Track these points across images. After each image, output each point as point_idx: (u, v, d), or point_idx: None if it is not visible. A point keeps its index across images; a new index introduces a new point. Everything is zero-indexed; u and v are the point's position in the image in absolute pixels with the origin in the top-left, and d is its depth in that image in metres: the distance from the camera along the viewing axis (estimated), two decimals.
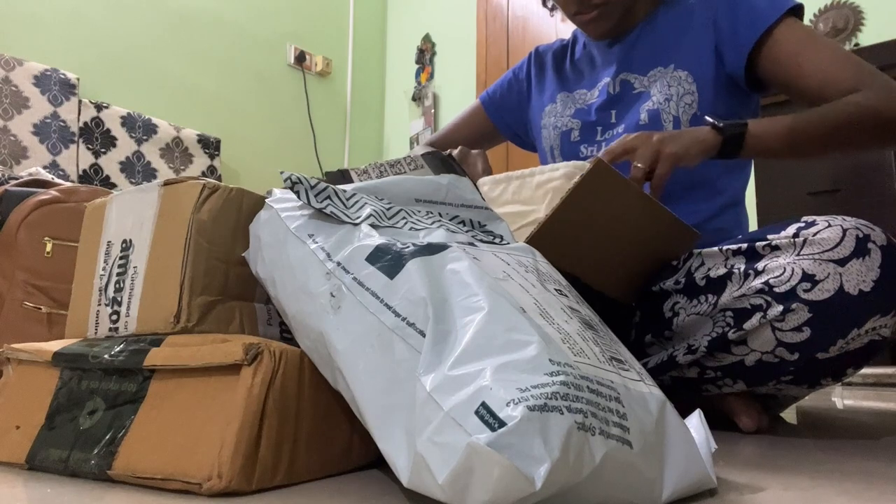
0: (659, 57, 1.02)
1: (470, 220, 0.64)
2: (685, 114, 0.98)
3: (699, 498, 0.45)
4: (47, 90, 2.53)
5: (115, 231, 0.65)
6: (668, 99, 0.98)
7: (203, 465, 0.46)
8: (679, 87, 0.99)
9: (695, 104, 0.98)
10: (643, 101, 1.01)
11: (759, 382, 0.72)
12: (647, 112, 1.00)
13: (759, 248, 0.68)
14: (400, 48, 3.90)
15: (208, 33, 3.18)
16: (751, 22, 0.94)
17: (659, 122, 0.99)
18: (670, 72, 1.00)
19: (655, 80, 1.01)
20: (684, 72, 0.99)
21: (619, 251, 0.78)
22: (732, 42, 0.96)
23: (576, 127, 1.08)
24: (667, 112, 0.98)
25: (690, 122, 0.98)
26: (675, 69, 1.00)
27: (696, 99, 0.98)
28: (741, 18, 0.95)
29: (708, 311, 0.71)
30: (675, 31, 1.03)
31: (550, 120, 1.13)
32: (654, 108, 0.99)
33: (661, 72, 1.01)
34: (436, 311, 0.43)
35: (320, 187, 0.57)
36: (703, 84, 0.98)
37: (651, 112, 0.99)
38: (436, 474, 0.36)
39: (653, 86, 1.01)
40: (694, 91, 0.98)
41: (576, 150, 1.08)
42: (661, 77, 1.01)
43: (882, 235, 0.64)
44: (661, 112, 0.99)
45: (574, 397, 0.38)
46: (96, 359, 0.56)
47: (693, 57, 0.99)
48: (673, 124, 0.98)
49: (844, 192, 1.93)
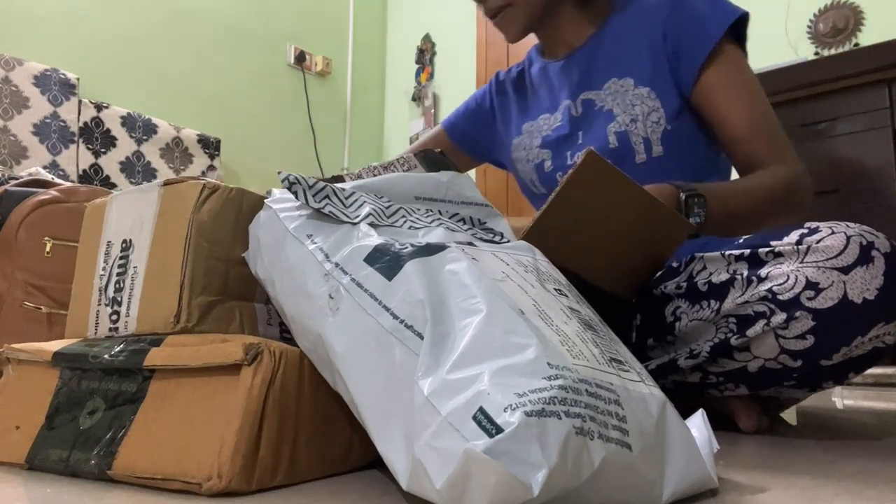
0: (613, 68, 1.02)
1: (470, 218, 0.63)
2: (654, 133, 0.97)
3: (700, 498, 0.45)
4: (47, 90, 2.53)
5: (115, 231, 0.65)
6: (635, 120, 0.98)
7: (203, 465, 0.46)
8: (643, 105, 0.98)
9: (662, 120, 0.97)
10: (608, 120, 1.00)
11: (762, 387, 0.72)
12: (616, 134, 0.99)
13: (762, 254, 0.68)
14: (400, 48, 3.90)
15: (208, 33, 3.18)
16: (700, 35, 0.95)
17: (629, 143, 0.98)
18: (631, 88, 0.99)
19: (615, 95, 1.00)
20: (645, 88, 0.98)
21: (614, 244, 0.78)
22: (686, 56, 0.96)
23: (546, 157, 1.08)
24: (635, 134, 0.98)
25: (662, 139, 0.97)
26: (635, 86, 0.99)
27: (662, 115, 0.97)
28: (690, 29, 0.96)
29: (710, 316, 0.71)
30: (628, 40, 1.02)
31: (521, 154, 1.12)
32: (622, 130, 0.99)
33: (617, 84, 1.01)
34: (434, 313, 0.43)
35: (318, 187, 0.57)
36: (665, 98, 0.98)
37: (619, 134, 0.99)
38: (433, 479, 0.36)
39: (613, 101, 1.00)
40: (658, 107, 0.97)
41: (552, 178, 1.07)
42: (621, 93, 1.00)
43: (886, 242, 0.64)
44: (629, 134, 0.98)
45: (572, 401, 0.38)
46: (96, 359, 0.56)
47: (650, 70, 0.99)
48: (644, 145, 0.98)
49: (844, 193, 1.93)
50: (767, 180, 0.92)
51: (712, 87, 0.96)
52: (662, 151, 0.98)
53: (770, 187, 0.91)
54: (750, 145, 0.94)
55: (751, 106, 0.95)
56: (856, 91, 1.95)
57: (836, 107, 1.98)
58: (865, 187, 1.91)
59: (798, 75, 2.01)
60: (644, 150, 0.98)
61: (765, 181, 0.92)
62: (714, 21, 0.95)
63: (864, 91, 1.93)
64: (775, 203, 0.91)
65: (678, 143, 0.98)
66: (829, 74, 1.96)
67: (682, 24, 0.97)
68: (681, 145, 0.98)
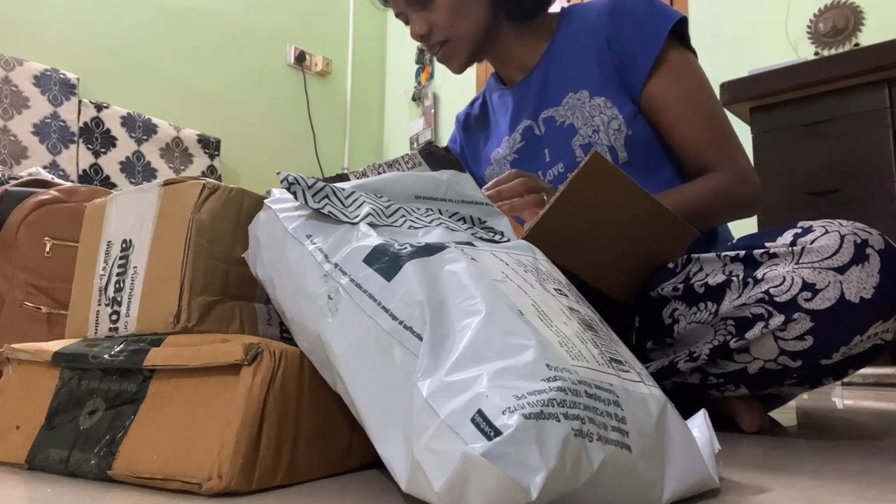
0: (567, 83, 1.02)
1: (470, 217, 0.63)
2: (617, 140, 0.98)
3: (701, 498, 0.45)
4: (47, 90, 2.53)
5: (115, 231, 0.65)
6: (596, 130, 0.98)
7: (203, 465, 0.46)
8: (602, 115, 0.98)
9: (623, 126, 0.98)
10: (571, 134, 1.01)
11: (763, 387, 0.72)
12: (581, 147, 1.00)
13: (758, 255, 0.68)
14: (400, 48, 3.90)
15: (208, 33, 3.18)
16: (641, 44, 0.96)
17: None
18: (587, 100, 1.00)
19: (573, 109, 1.01)
20: (601, 98, 0.99)
21: (616, 247, 0.78)
22: (631, 64, 0.97)
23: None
24: (600, 144, 0.99)
25: (625, 146, 0.98)
26: (591, 97, 1.00)
27: (621, 122, 0.98)
28: (631, 38, 0.97)
29: (708, 319, 0.71)
30: (577, 52, 1.02)
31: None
32: (587, 143, 0.99)
33: (574, 99, 1.01)
34: (433, 314, 0.43)
35: (318, 187, 0.57)
36: (620, 104, 0.98)
37: (584, 147, 1.00)
38: (432, 482, 0.36)
39: (573, 115, 1.01)
40: (617, 114, 0.98)
41: None
42: (579, 106, 1.00)
43: (880, 239, 0.64)
44: (593, 145, 0.99)
45: (571, 403, 0.38)
46: (96, 359, 0.56)
47: (602, 79, 0.99)
48: (609, 153, 0.98)
49: (843, 192, 1.93)
50: (712, 186, 0.94)
51: (659, 96, 0.97)
52: (628, 157, 0.99)
53: (710, 192, 0.93)
54: (697, 152, 0.96)
55: (697, 113, 0.96)
56: (856, 91, 1.95)
57: (836, 107, 1.98)
58: (865, 187, 1.91)
59: (798, 75, 2.01)
60: (610, 159, 0.98)
61: (710, 187, 0.94)
62: (653, 28, 0.96)
63: (864, 91, 1.93)
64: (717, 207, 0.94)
65: (640, 146, 0.99)
66: (829, 74, 1.96)
67: (622, 33, 0.97)
68: (643, 148, 0.99)
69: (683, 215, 0.85)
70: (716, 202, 0.93)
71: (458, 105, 3.47)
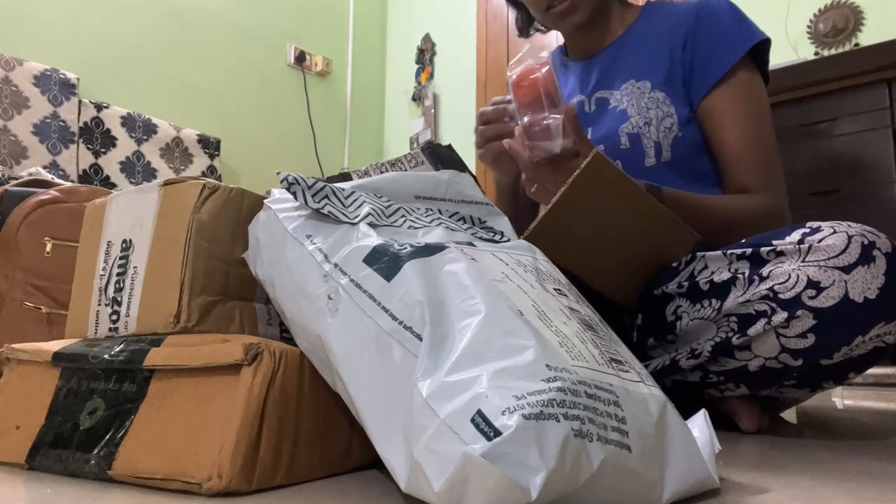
0: (634, 70, 1.02)
1: (470, 217, 0.63)
2: (666, 138, 0.98)
3: (701, 498, 0.45)
4: (47, 90, 2.53)
5: (115, 231, 0.65)
6: (648, 123, 0.98)
7: (203, 465, 0.46)
8: (658, 109, 0.98)
9: (675, 126, 0.98)
10: (621, 120, 1.01)
11: (762, 387, 0.72)
12: (628, 136, 1.00)
13: (764, 253, 0.68)
14: (400, 48, 3.90)
15: (208, 33, 3.18)
16: (718, 55, 0.96)
17: (640, 146, 0.99)
18: (647, 91, 1.00)
19: (630, 96, 1.01)
20: (661, 93, 0.99)
21: (617, 249, 0.78)
22: (701, 69, 0.97)
23: None
24: (647, 137, 0.98)
25: (672, 146, 0.98)
26: (652, 89, 1.00)
27: (675, 121, 0.98)
28: (710, 46, 0.96)
29: (712, 315, 0.71)
30: (652, 43, 1.02)
31: None
32: (635, 133, 0.99)
33: (634, 87, 1.01)
34: (433, 314, 0.43)
35: (318, 187, 0.57)
36: (678, 105, 0.98)
37: (631, 136, 0.99)
38: (432, 482, 0.36)
39: (628, 102, 1.01)
40: (672, 113, 0.98)
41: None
42: (637, 94, 1.00)
43: (887, 242, 0.64)
44: (641, 136, 0.99)
45: (571, 403, 0.38)
46: (96, 359, 0.56)
47: (669, 75, 0.99)
48: (654, 149, 0.98)
49: (844, 193, 1.93)
50: (740, 205, 0.93)
51: (718, 107, 0.96)
52: (671, 157, 0.98)
53: (737, 212, 0.92)
54: (741, 170, 0.95)
55: (750, 134, 0.96)
56: (856, 91, 1.95)
57: (836, 107, 1.98)
58: (865, 187, 1.91)
59: (798, 75, 2.01)
60: (654, 154, 0.98)
61: (736, 205, 0.93)
62: (734, 43, 0.95)
63: (864, 91, 1.93)
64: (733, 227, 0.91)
65: (687, 151, 0.99)
66: (829, 74, 1.96)
67: (702, 36, 0.97)
68: (689, 153, 0.99)
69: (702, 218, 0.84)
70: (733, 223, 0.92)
71: (458, 105, 3.47)
